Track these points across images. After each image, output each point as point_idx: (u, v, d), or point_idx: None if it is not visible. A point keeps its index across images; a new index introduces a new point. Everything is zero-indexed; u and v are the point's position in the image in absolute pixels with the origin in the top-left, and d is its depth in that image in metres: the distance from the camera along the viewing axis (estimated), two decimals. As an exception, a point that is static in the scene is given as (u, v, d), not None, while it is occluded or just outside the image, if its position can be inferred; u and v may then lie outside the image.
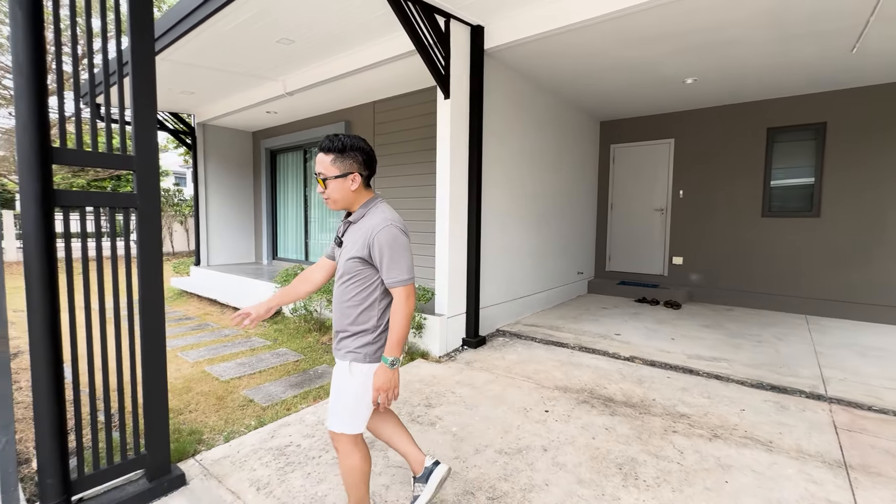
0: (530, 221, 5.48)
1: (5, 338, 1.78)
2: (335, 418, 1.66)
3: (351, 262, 1.62)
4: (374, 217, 1.63)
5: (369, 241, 1.58)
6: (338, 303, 1.69)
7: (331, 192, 1.62)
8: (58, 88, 1.82)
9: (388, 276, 1.59)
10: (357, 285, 1.64)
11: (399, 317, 1.59)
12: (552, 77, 5.16)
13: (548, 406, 3.04)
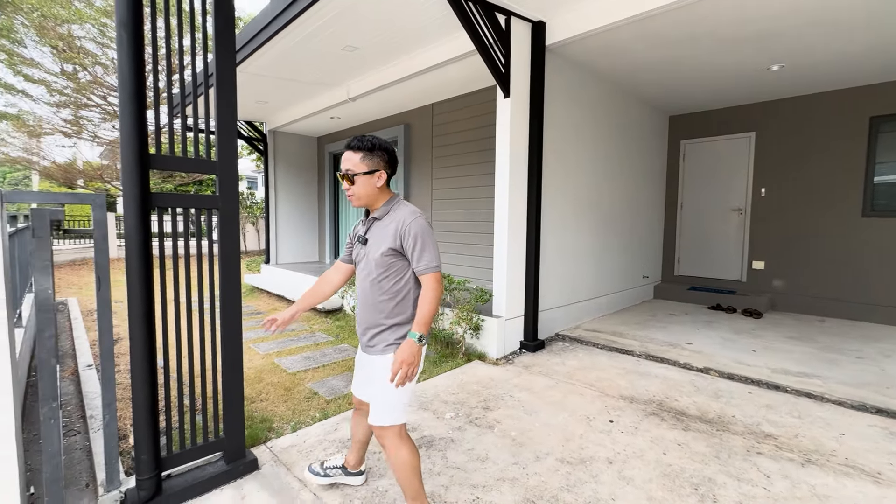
0: (592, 222, 5.27)
1: (109, 331, 1.99)
2: (381, 413, 1.71)
3: (384, 257, 1.69)
4: (401, 211, 1.72)
5: (401, 233, 1.66)
6: (369, 299, 1.74)
7: (357, 189, 1.70)
8: (154, 102, 2.01)
9: (419, 263, 1.67)
10: (391, 278, 1.71)
11: (428, 299, 1.66)
12: (617, 70, 4.92)
13: (612, 416, 2.89)
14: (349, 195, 1.74)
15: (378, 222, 1.76)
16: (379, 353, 1.73)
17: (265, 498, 2.07)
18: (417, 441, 2.57)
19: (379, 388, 1.72)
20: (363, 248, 1.78)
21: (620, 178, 5.78)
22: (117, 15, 1.80)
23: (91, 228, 1.88)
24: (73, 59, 9.90)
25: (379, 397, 1.72)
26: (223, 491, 2.12)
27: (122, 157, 1.82)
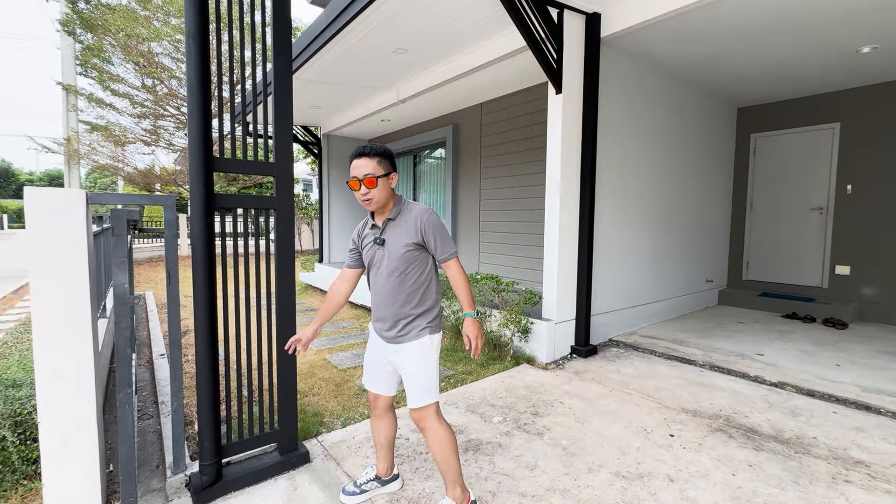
0: (650, 222, 4.98)
1: (178, 323, 2.12)
2: (422, 394, 1.82)
3: (407, 252, 1.81)
4: (414, 209, 1.86)
5: (421, 228, 1.81)
6: (395, 293, 1.84)
7: (377, 192, 1.78)
8: (218, 109, 2.12)
9: (441, 252, 1.85)
10: (415, 271, 1.84)
11: (462, 280, 1.87)
12: (679, 61, 4.62)
13: (673, 430, 2.69)
14: (367, 199, 1.79)
15: (392, 222, 1.86)
16: (413, 338, 1.84)
17: (316, 491, 2.12)
18: (464, 444, 2.53)
19: (417, 370, 1.84)
20: (380, 248, 1.86)
21: (682, 176, 5.43)
22: (187, 27, 1.92)
23: (163, 228, 2.02)
24: (153, 73, 10.84)
25: (418, 378, 1.83)
26: (277, 481, 2.19)
27: (189, 159, 1.93)
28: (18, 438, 1.86)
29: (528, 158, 5.52)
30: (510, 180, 5.82)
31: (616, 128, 4.36)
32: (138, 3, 10.53)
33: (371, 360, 2.00)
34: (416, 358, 1.84)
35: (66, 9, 10.78)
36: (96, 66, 11.03)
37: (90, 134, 12.12)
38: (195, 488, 2.02)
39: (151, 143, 12.40)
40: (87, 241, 1.78)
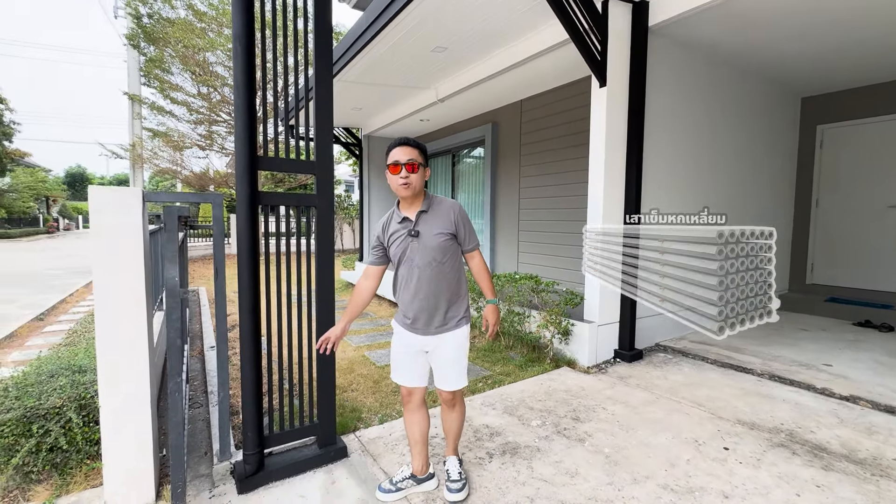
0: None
1: (224, 317, 2.20)
2: (459, 378, 1.98)
3: (444, 242, 1.89)
4: (444, 201, 1.96)
5: (454, 219, 1.92)
6: (434, 284, 1.89)
7: (415, 178, 1.86)
8: (262, 109, 2.19)
9: (469, 243, 1.97)
10: (451, 259, 1.92)
11: (486, 270, 2.04)
12: (735, 48, 4.32)
13: (727, 442, 2.50)
14: (406, 183, 1.84)
15: (426, 214, 1.92)
16: (454, 328, 1.95)
17: (353, 486, 2.14)
18: (500, 447, 2.47)
19: (456, 357, 1.96)
20: (415, 240, 1.89)
21: (738, 171, 5.08)
22: (234, 30, 1.98)
23: (212, 224, 2.11)
24: (207, 81, 11.50)
25: (458, 364, 1.97)
26: (316, 474, 2.23)
27: (235, 158, 2.00)
28: (83, 420, 1.99)
29: (569, 156, 5.36)
30: (551, 178, 5.68)
31: (665, 121, 4.14)
32: (195, 16, 11.20)
33: (403, 355, 2.01)
34: (456, 346, 1.95)
35: (132, 24, 11.63)
36: (157, 77, 11.83)
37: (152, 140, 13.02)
38: (239, 476, 2.09)
39: (206, 147, 13.15)
40: (143, 237, 1.88)
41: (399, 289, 1.99)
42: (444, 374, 1.98)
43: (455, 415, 2.08)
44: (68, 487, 1.99)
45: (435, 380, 2.03)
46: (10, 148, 25.40)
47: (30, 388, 2.02)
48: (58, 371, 2.18)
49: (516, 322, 4.19)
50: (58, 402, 1.96)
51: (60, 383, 2.06)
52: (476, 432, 2.65)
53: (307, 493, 2.09)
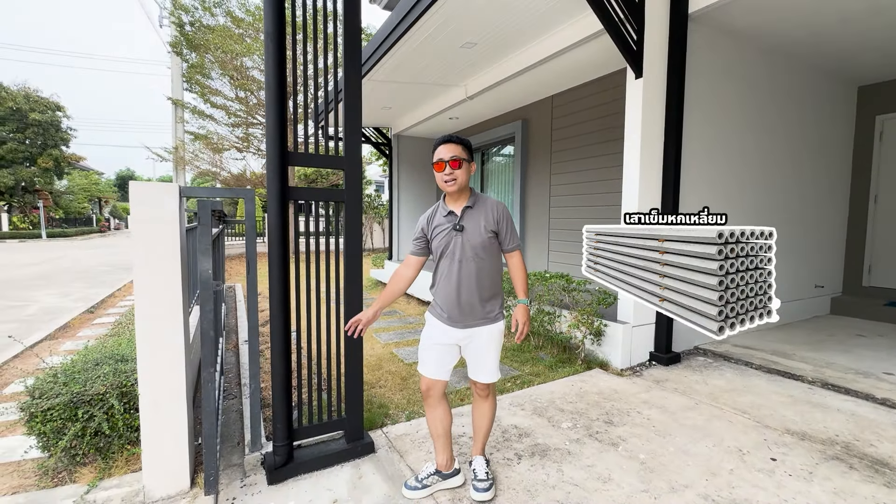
0: (746, 218, 4.44)
1: (255, 309, 2.25)
2: (495, 371, 2.00)
3: (488, 238, 1.92)
4: (488, 199, 1.98)
5: (497, 217, 1.94)
6: (477, 278, 1.92)
7: (460, 174, 1.88)
8: (293, 106, 2.21)
9: (510, 242, 1.99)
10: (491, 256, 1.95)
11: (523, 271, 2.03)
12: (785, 34, 4.06)
13: (775, 453, 2.34)
14: (451, 179, 1.87)
15: (471, 210, 1.94)
16: (491, 322, 1.97)
17: (379, 482, 2.13)
18: (530, 449, 2.41)
19: (492, 351, 1.98)
20: (459, 234, 1.92)
21: (787, 165, 4.78)
22: (265, 27, 2.01)
23: (244, 219, 2.15)
24: (245, 85, 11.90)
25: (493, 358, 1.99)
26: (343, 468, 2.24)
27: (266, 153, 2.03)
28: (124, 407, 2.08)
29: (602, 152, 5.20)
30: (583, 175, 5.53)
31: (705, 113, 3.94)
32: (233, 22, 11.62)
33: (433, 346, 2.00)
34: (494, 340, 1.98)
35: (175, 32, 12.19)
36: (199, 82, 12.35)
37: (193, 142, 13.61)
38: (269, 467, 2.13)
39: (243, 149, 13.63)
40: (179, 229, 1.94)
41: (438, 282, 2.00)
42: (480, 366, 1.99)
43: (487, 409, 2.07)
44: (110, 471, 2.08)
45: (469, 372, 2.03)
46: (67, 153, 27.24)
47: (76, 375, 2.12)
48: (102, 360, 2.29)
49: (546, 322, 4.09)
50: (101, 388, 2.05)
51: (104, 371, 2.15)
52: (504, 432, 2.59)
53: (334, 486, 2.09)
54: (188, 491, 2.03)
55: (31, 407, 1.97)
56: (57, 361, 2.37)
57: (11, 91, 24.65)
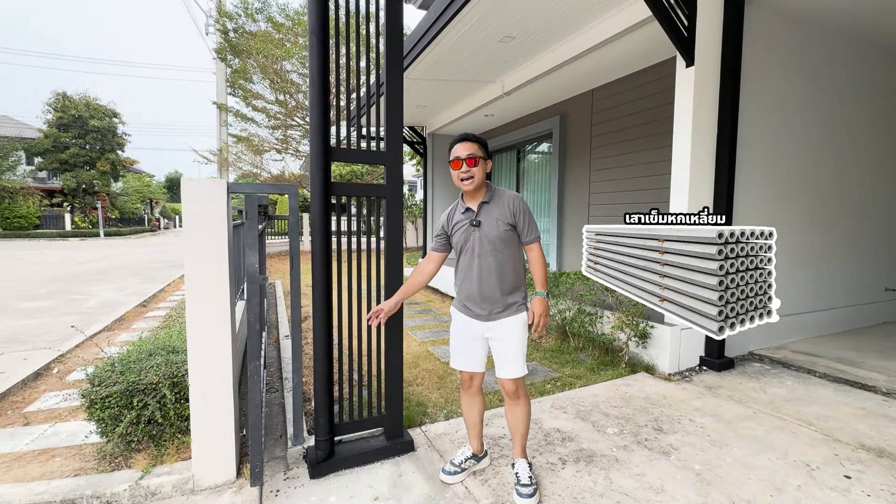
0: (807, 215, 4.14)
1: (298, 304, 2.26)
2: (519, 365, 1.95)
3: (505, 232, 1.92)
4: (505, 194, 1.98)
5: (513, 210, 1.93)
6: (492, 272, 1.93)
7: (477, 172, 1.91)
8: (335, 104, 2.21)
9: (529, 234, 1.97)
10: (510, 249, 1.95)
11: (542, 263, 2.01)
12: (852, 14, 3.74)
13: (849, 470, 2.14)
14: (468, 177, 1.90)
15: (487, 205, 1.95)
16: (512, 314, 1.96)
17: (419, 480, 2.10)
18: (574, 454, 2.31)
19: (515, 344, 1.95)
20: (476, 229, 1.94)
21: (853, 159, 4.42)
22: (309, 24, 2.02)
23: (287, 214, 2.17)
24: (284, 89, 12.26)
25: (517, 351, 1.95)
26: (383, 465, 2.22)
27: (310, 149, 2.04)
28: (175, 396, 2.14)
29: (647, 146, 4.98)
30: (625, 171, 5.32)
31: (765, 103, 3.69)
32: (273, 28, 11.99)
33: (463, 340, 2.05)
34: (514, 333, 1.95)
35: (220, 39, 12.71)
36: (241, 86, 12.83)
37: (236, 145, 14.15)
38: (311, 461, 2.14)
39: (282, 150, 14.05)
40: (227, 223, 1.97)
41: (459, 276, 2.04)
42: (503, 361, 1.97)
43: (520, 409, 2.02)
44: (162, 458, 2.15)
45: (496, 370, 2.01)
46: (122, 156, 29.05)
47: (132, 365, 2.21)
48: (155, 350, 2.37)
49: (587, 323, 3.95)
50: (154, 378, 2.13)
51: (157, 361, 2.23)
52: (546, 436, 2.50)
53: (375, 483, 2.08)
54: (234, 481, 2.07)
55: (92, 394, 2.06)
56: (115, 351, 2.49)
57: (74, 100, 26.53)
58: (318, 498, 1.98)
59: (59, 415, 2.77)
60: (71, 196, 26.55)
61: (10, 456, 2.28)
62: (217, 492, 2.01)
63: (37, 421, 2.70)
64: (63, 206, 26.36)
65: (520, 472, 1.98)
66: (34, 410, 2.86)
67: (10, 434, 2.53)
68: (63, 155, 25.65)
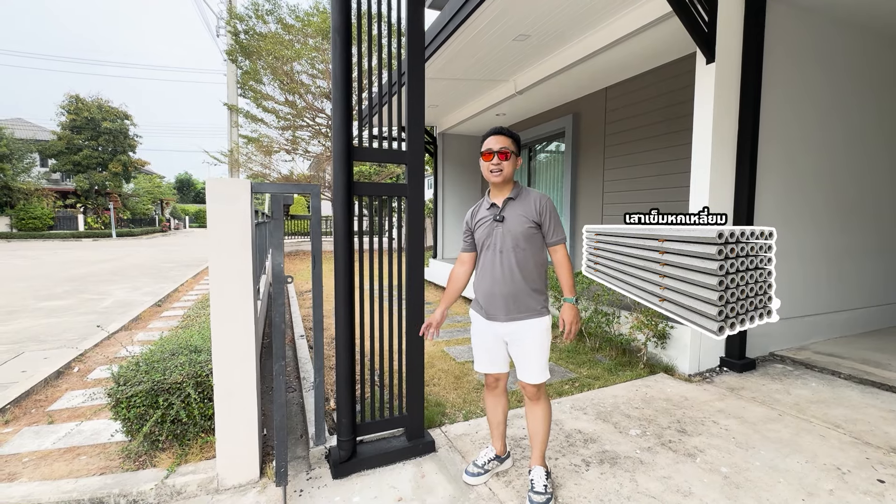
0: (831, 213, 4.06)
1: (320, 304, 2.26)
2: (542, 370, 1.92)
3: (529, 230, 1.89)
4: (532, 192, 1.96)
5: (539, 209, 1.90)
6: (515, 271, 1.89)
7: (507, 166, 1.90)
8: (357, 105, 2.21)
9: (554, 235, 1.94)
10: (533, 248, 1.91)
11: (568, 266, 1.95)
12: (878, 11, 3.66)
13: (882, 474, 2.09)
14: (498, 170, 1.89)
15: (513, 201, 1.94)
16: (533, 316, 1.91)
17: (442, 481, 2.09)
18: (598, 455, 2.29)
19: (537, 348, 1.91)
20: (500, 225, 1.91)
21: (878, 157, 4.34)
22: (333, 22, 2.02)
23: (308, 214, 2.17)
24: (294, 89, 12.31)
25: (539, 356, 1.92)
26: (405, 466, 2.21)
27: (333, 148, 2.03)
28: (199, 396, 2.15)
29: (663, 144, 4.93)
30: (641, 170, 5.27)
31: (787, 100, 3.63)
32: (283, 29, 12.05)
33: (485, 342, 2.02)
34: (537, 336, 1.91)
35: (231, 41, 12.81)
36: (252, 88, 12.91)
37: (247, 146, 14.25)
38: (334, 461, 2.13)
39: (291, 151, 14.12)
40: (251, 223, 1.98)
41: (479, 275, 2.01)
42: (525, 366, 1.93)
43: (540, 412, 1.98)
44: (186, 457, 2.16)
45: (518, 373, 1.98)
46: (134, 158, 29.40)
47: (156, 364, 2.22)
48: (178, 350, 2.39)
49: (604, 323, 3.91)
50: (178, 378, 2.13)
51: (180, 361, 2.24)
52: (568, 437, 2.48)
53: (398, 484, 2.07)
54: (257, 481, 2.07)
55: (118, 393, 2.07)
56: (136, 351, 2.50)
57: (87, 102, 26.90)
58: (342, 498, 1.97)
59: (82, 413, 2.79)
60: (84, 197, 26.92)
61: (36, 454, 2.31)
62: (241, 491, 2.01)
63: (61, 419, 2.73)
64: (76, 208, 26.74)
65: (535, 479, 1.93)
66: (58, 409, 2.89)
67: (35, 432, 2.56)
68: (76, 157, 26.03)
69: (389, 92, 2.34)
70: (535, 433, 1.99)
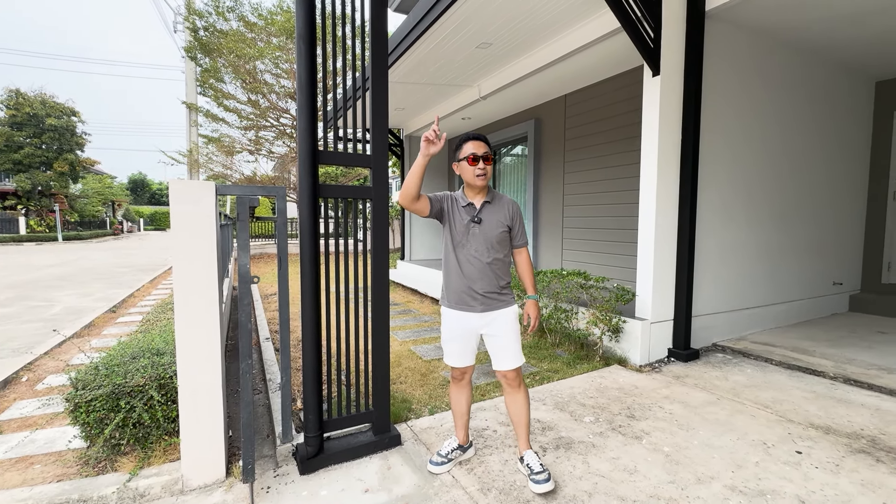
0: (764, 215, 4.43)
1: (286, 304, 2.30)
2: (517, 354, 2.08)
3: (501, 234, 2.06)
4: (503, 197, 2.13)
5: (511, 214, 2.09)
6: (490, 269, 2.04)
7: (489, 169, 2.05)
8: (322, 108, 2.27)
9: (521, 238, 2.14)
10: (504, 250, 2.09)
11: (530, 267, 2.19)
12: (802, 29, 4.06)
13: (800, 446, 2.35)
14: (483, 174, 2.02)
15: (490, 205, 2.07)
16: (507, 305, 2.08)
17: (408, 472, 2.18)
18: (554, 441, 2.44)
19: (512, 335, 2.07)
20: (476, 226, 2.04)
21: (805, 162, 4.76)
22: (297, 30, 2.08)
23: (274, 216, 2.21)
24: (257, 89, 12.04)
25: (514, 342, 2.07)
26: (372, 460, 2.29)
27: (298, 152, 2.09)
28: (162, 398, 2.14)
29: (617, 149, 5.22)
30: (597, 173, 5.54)
31: (724, 109, 3.94)
32: (245, 27, 11.77)
33: (457, 338, 2.12)
34: (510, 324, 2.07)
35: (190, 37, 12.38)
36: (212, 86, 12.52)
37: (207, 146, 13.79)
38: (301, 457, 2.18)
39: (255, 151, 13.78)
40: (216, 226, 2.00)
41: (452, 273, 2.08)
42: (503, 353, 2.07)
43: (521, 398, 2.10)
44: (149, 460, 2.15)
45: (495, 364, 2.11)
46: (82, 157, 27.73)
47: (116, 368, 2.19)
48: (139, 353, 2.36)
49: (563, 319, 4.11)
50: (141, 380, 2.12)
51: (142, 364, 2.22)
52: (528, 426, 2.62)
53: (364, 477, 2.14)
54: (224, 480, 2.09)
55: (76, 398, 2.04)
56: (95, 356, 2.45)
57: (28, 97, 25.17)
58: (310, 493, 2.03)
59: (34, 422, 2.70)
60: (26, 198, 25.16)
61: (-15, 465, 2.23)
62: (207, 491, 2.03)
63: (10, 430, 2.63)
64: (17, 209, 24.96)
65: (531, 463, 2.04)
66: (6, 419, 2.78)
67: (-18, 443, 2.46)
68: (17, 155, 24.31)
69: (353, 96, 2.42)
70: (520, 419, 2.11)
